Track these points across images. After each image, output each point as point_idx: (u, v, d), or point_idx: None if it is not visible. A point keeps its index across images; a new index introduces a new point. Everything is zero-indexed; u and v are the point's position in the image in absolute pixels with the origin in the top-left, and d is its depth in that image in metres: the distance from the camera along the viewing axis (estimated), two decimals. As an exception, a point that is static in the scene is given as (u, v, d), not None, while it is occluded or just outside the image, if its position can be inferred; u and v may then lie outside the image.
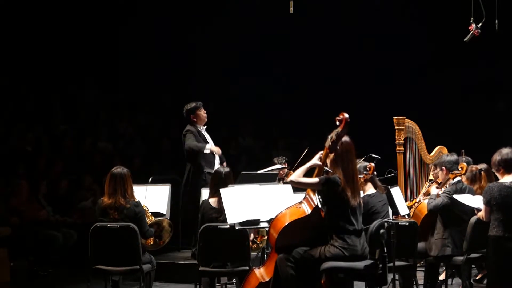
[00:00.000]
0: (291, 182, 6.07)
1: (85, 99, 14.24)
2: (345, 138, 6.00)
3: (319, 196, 6.13)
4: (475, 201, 7.17)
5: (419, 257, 7.31)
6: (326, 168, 6.16)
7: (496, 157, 6.63)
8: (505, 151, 6.62)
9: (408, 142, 9.19)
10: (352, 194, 5.94)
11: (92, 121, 13.77)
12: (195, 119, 8.97)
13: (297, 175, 6.04)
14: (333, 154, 6.01)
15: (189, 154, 8.88)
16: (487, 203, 6.53)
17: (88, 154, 12.41)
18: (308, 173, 6.12)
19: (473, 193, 7.50)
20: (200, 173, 8.79)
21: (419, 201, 7.94)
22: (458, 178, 7.49)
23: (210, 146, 8.86)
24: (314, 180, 5.99)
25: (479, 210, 6.89)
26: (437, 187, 7.66)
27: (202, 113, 9.03)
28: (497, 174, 6.73)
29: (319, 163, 6.04)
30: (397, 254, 6.37)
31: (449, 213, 7.30)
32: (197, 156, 8.85)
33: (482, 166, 8.06)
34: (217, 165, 8.78)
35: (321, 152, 6.09)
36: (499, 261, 6.47)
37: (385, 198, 7.39)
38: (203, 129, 9.01)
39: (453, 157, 7.59)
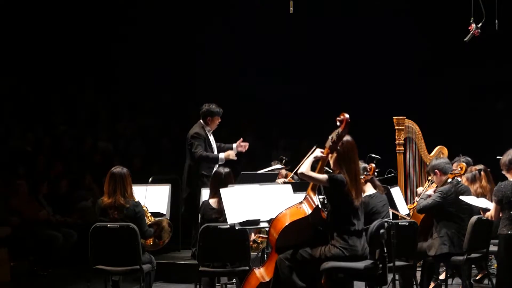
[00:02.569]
0: (301, 175, 6.07)
1: (85, 99, 14.24)
2: (347, 138, 6.00)
3: (320, 196, 6.13)
4: (482, 201, 7.18)
5: (419, 257, 7.31)
6: (326, 168, 6.16)
7: (506, 157, 6.71)
8: None
9: (408, 142, 9.20)
10: (356, 195, 5.96)
11: (92, 121, 13.77)
12: (209, 123, 8.89)
13: (305, 168, 6.03)
14: (335, 154, 6.00)
15: (198, 160, 8.84)
16: (498, 202, 6.57)
17: (88, 154, 12.41)
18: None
19: (470, 193, 7.50)
20: (199, 175, 8.79)
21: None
22: (457, 178, 7.49)
23: (223, 156, 8.79)
24: (323, 176, 5.99)
25: (486, 210, 6.90)
26: (434, 191, 7.68)
27: (217, 121, 8.95)
28: (507, 174, 6.77)
29: (322, 155, 6.04)
30: (397, 254, 6.37)
31: (444, 211, 7.30)
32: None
33: (480, 166, 8.08)
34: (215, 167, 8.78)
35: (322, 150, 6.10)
36: (509, 259, 6.50)
37: (385, 198, 7.39)
38: (209, 132, 8.98)
39: (442, 159, 7.64)
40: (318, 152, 6.10)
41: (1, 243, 9.31)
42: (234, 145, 9.06)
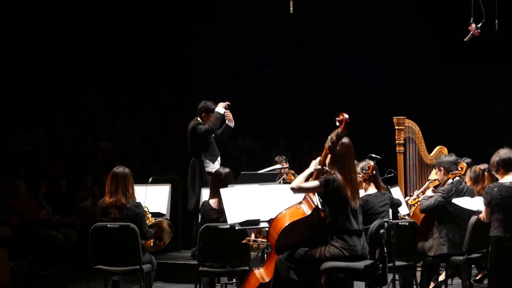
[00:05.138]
0: (293, 190, 6.07)
1: (85, 99, 14.24)
2: (345, 140, 6.00)
3: (319, 197, 6.12)
4: (474, 203, 7.17)
5: (419, 257, 7.31)
6: (325, 168, 6.16)
7: (495, 158, 6.63)
8: (502, 151, 6.63)
9: (408, 142, 9.19)
10: (352, 195, 5.93)
11: (92, 121, 13.77)
12: (204, 119, 8.96)
13: (298, 182, 6.05)
14: (331, 155, 6.00)
15: (197, 146, 8.88)
16: (487, 204, 6.53)
17: (88, 154, 12.41)
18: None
19: (473, 193, 7.49)
20: (201, 170, 8.81)
21: (418, 197, 7.96)
22: (458, 178, 7.48)
23: (221, 106, 8.89)
24: (315, 183, 5.98)
25: (479, 212, 6.88)
26: (433, 191, 7.66)
27: (212, 118, 9.01)
28: (496, 175, 6.73)
29: (319, 167, 6.04)
30: (397, 254, 6.37)
31: (444, 212, 7.30)
32: (201, 152, 8.87)
33: (484, 166, 8.05)
34: (217, 164, 8.79)
35: (319, 158, 6.09)
36: (500, 261, 6.47)
37: (387, 198, 7.38)
38: None
39: (452, 157, 7.59)
40: (314, 166, 6.08)
41: (1, 243, 9.30)
42: (226, 121, 9.08)
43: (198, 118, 8.99)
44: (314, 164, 6.08)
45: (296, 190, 6.07)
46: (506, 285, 6.47)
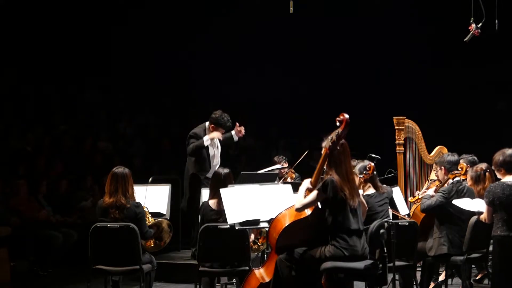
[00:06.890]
0: (298, 210, 6.02)
1: (85, 99, 14.24)
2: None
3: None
4: (474, 204, 7.16)
5: (419, 257, 7.31)
6: (324, 168, 6.16)
7: (499, 157, 6.61)
8: (508, 152, 6.60)
9: (408, 142, 9.20)
10: (350, 194, 5.93)
11: (92, 121, 13.78)
12: (211, 130, 8.86)
13: (299, 201, 6.01)
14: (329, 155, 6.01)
15: (190, 156, 8.86)
16: (490, 203, 6.52)
17: (88, 154, 12.41)
18: (306, 175, 6.10)
19: (473, 194, 7.48)
20: (192, 176, 8.79)
21: (420, 197, 7.95)
22: (458, 178, 7.48)
23: (208, 137, 8.78)
24: (315, 193, 5.95)
25: (480, 213, 6.87)
26: (434, 191, 7.67)
27: (221, 132, 8.94)
28: (497, 174, 6.72)
29: (310, 187, 6.05)
30: (397, 254, 6.37)
31: (444, 212, 7.30)
32: (193, 160, 8.83)
33: (484, 165, 8.04)
34: (213, 168, 8.76)
35: (309, 178, 6.09)
36: (503, 261, 6.46)
37: (385, 197, 7.39)
38: None
39: (454, 157, 7.58)
40: (307, 184, 6.09)
41: (1, 243, 9.30)
42: (233, 132, 9.07)
43: (206, 124, 8.93)
44: (306, 184, 6.08)
45: (302, 209, 6.03)
46: (510, 284, 6.46)
